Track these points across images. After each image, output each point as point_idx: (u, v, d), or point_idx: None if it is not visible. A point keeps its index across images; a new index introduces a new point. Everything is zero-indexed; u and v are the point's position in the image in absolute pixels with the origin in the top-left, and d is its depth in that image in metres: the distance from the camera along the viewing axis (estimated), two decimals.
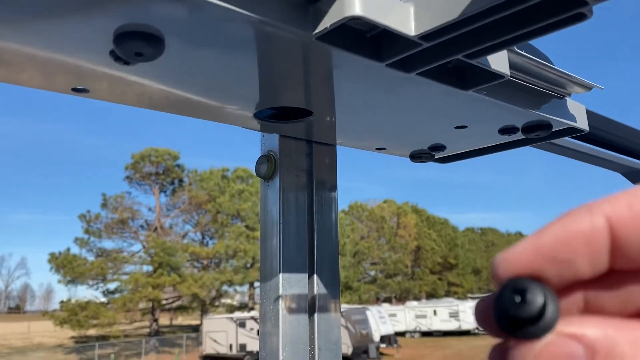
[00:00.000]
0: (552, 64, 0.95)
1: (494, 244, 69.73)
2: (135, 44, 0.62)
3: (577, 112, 1.02)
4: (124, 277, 36.20)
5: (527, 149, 1.19)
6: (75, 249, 36.50)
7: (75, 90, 0.78)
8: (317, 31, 0.61)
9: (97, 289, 36.81)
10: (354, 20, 0.59)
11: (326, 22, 0.60)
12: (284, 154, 1.03)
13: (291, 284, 0.93)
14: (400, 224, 55.97)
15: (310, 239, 1.01)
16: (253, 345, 27.72)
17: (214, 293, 37.99)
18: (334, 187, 1.09)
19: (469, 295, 56.26)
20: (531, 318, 0.30)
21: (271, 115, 0.92)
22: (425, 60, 0.70)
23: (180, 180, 40.28)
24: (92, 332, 36.37)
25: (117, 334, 36.08)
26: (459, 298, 47.14)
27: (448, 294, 58.59)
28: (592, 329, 0.28)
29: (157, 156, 38.18)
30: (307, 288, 0.95)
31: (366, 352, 26.46)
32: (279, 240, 0.94)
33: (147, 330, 39.23)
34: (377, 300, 53.70)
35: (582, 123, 1.03)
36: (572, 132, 1.05)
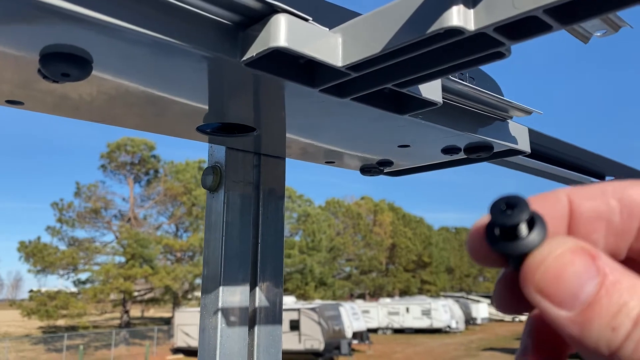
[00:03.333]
0: (497, 86, 0.97)
1: None
2: (61, 65, 0.61)
3: (519, 134, 1.05)
4: (96, 268, 35.73)
5: None
6: (46, 238, 35.93)
7: (9, 102, 0.77)
8: (244, 58, 0.61)
9: (67, 279, 36.28)
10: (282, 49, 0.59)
11: (253, 51, 0.61)
12: (230, 166, 1.03)
13: (231, 297, 0.93)
14: (376, 221, 56.28)
15: (255, 252, 1.01)
16: None
17: (186, 286, 37.73)
18: (281, 200, 1.10)
19: (442, 293, 56.91)
20: (512, 227, 0.32)
21: (216, 129, 0.92)
22: (356, 87, 0.71)
23: (156, 171, 39.86)
24: (61, 322, 35.83)
25: (87, 325, 35.60)
26: (431, 296, 47.68)
27: (421, 292, 59.15)
28: (606, 259, 0.33)
29: (133, 146, 37.68)
30: (248, 301, 0.95)
31: (338, 348, 26.60)
32: (221, 252, 0.94)
33: (118, 321, 38.80)
34: (351, 297, 53.97)
35: (524, 145, 1.05)
36: (514, 153, 1.07)
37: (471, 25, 0.54)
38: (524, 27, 0.55)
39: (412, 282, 58.35)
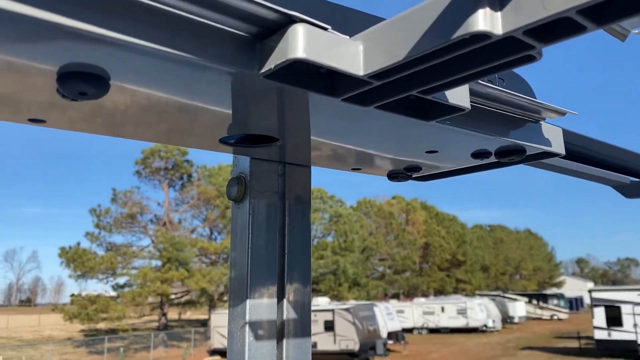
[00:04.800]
0: (529, 88, 0.93)
1: (502, 240, 69.40)
2: (78, 84, 0.61)
3: (553, 136, 1.01)
4: (133, 272, 36.43)
5: None
6: (85, 243, 36.81)
7: (32, 120, 0.77)
8: (263, 71, 0.60)
9: (106, 283, 37.09)
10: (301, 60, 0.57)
11: (271, 63, 0.59)
12: (255, 176, 1.02)
13: (259, 311, 0.91)
14: (408, 220, 55.83)
15: (281, 263, 0.99)
16: None
17: (222, 288, 38.12)
18: (307, 207, 1.08)
19: (477, 292, 56.07)
20: None
21: (240, 140, 0.91)
22: (380, 96, 0.69)
23: (189, 176, 40.42)
24: (101, 325, 36.65)
25: (126, 328, 36.33)
26: (466, 295, 47.01)
27: (456, 291, 58.39)
28: None
29: (166, 152, 38.31)
30: (275, 314, 0.93)
31: (373, 348, 26.46)
32: (248, 264, 0.93)
33: (156, 324, 39.48)
34: (385, 297, 53.65)
35: (558, 146, 1.01)
36: (548, 155, 1.03)
37: (499, 29, 0.51)
38: (555, 28, 0.52)
39: (446, 281, 57.66)
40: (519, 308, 52.24)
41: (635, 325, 25.46)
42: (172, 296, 38.10)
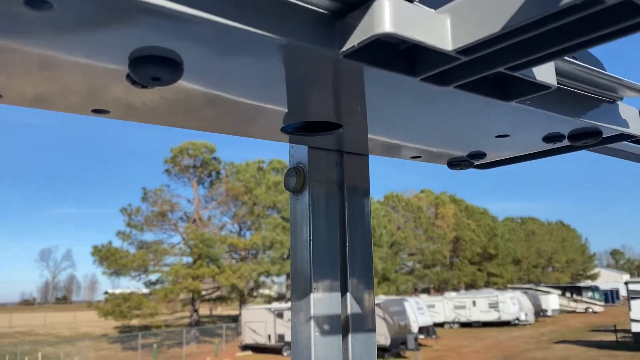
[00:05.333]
0: (602, 67, 0.87)
1: (534, 233, 68.29)
2: (151, 69, 0.59)
3: (631, 117, 0.94)
4: (165, 269, 36.97)
5: None
6: (117, 242, 37.51)
7: (95, 111, 0.75)
8: (344, 49, 0.56)
9: (139, 280, 37.73)
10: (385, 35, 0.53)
11: (354, 40, 0.55)
12: (314, 166, 0.98)
13: (323, 305, 0.88)
14: (438, 214, 55.35)
15: (343, 255, 0.96)
16: None
17: (251, 284, 38.43)
18: (367, 197, 1.04)
19: (509, 285, 55.32)
20: None
21: (299, 128, 0.88)
22: (463, 73, 0.64)
23: (218, 173, 40.79)
24: (134, 322, 37.33)
25: (159, 324, 36.94)
26: (498, 288, 46.44)
27: (487, 285, 57.71)
28: None
29: (194, 149, 38.73)
30: (340, 308, 0.89)
31: (404, 343, 26.36)
32: (310, 257, 0.90)
33: (188, 320, 40.04)
34: (415, 291, 53.35)
35: (637, 128, 0.95)
36: (625, 137, 0.97)
37: None
38: None
39: (477, 275, 57.02)
40: (552, 301, 51.37)
41: None
42: (203, 292, 38.57)
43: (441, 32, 0.57)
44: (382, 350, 25.28)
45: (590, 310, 55.82)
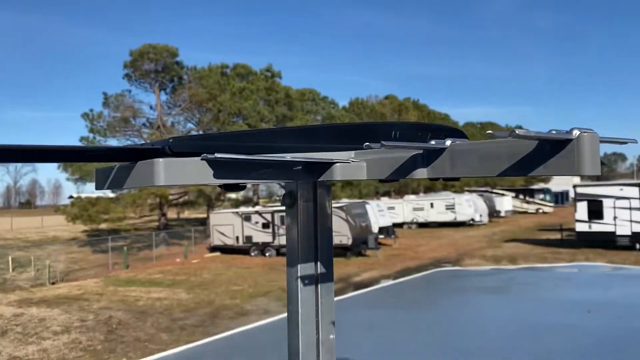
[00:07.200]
0: None
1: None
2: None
3: None
4: None
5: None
6: None
7: None
8: None
9: None
10: None
11: None
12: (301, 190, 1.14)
13: (305, 269, 1.12)
14: (400, 120, 56.15)
15: (315, 234, 1.16)
16: (258, 238, 29.31)
17: (217, 189, 39.14)
18: (329, 198, 1.20)
19: (466, 188, 57.82)
20: None
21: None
22: None
23: (180, 78, 40.01)
24: (103, 226, 38.01)
25: (128, 228, 37.73)
26: (455, 191, 48.53)
27: (445, 188, 60.05)
28: None
29: (155, 53, 37.66)
30: (314, 269, 1.14)
31: (365, 242, 27.92)
32: (298, 235, 1.12)
33: (157, 224, 40.96)
34: (377, 195, 55.27)
35: None
36: None
37: None
38: None
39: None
40: (506, 202, 54.24)
41: (614, 218, 26.85)
42: (171, 197, 39.21)
43: None
44: (344, 249, 26.80)
45: (541, 211, 59.27)
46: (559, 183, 75.18)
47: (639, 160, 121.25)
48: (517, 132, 0.52)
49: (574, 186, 31.03)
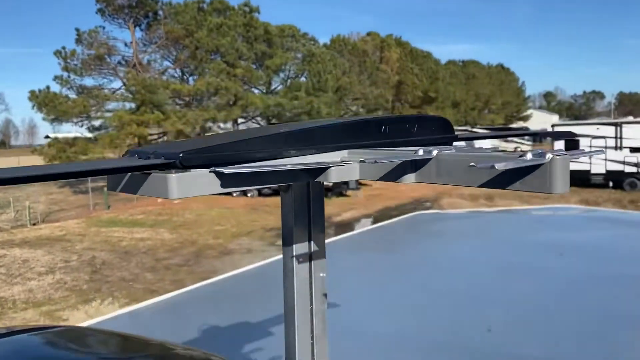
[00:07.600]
0: None
1: (474, 76, 70.09)
2: None
3: None
4: (108, 115, 36.51)
5: None
6: (55, 87, 36.18)
7: None
8: None
9: (82, 126, 37.27)
10: None
11: None
12: None
13: (299, 249, 1.15)
14: (382, 58, 55.51)
15: (308, 215, 1.18)
16: None
17: (197, 129, 38.81)
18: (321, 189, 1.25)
19: None
20: None
21: None
22: None
23: (155, 14, 38.66)
24: None
25: None
26: None
27: None
28: None
29: None
30: (307, 248, 1.17)
31: (346, 183, 28.23)
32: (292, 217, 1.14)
33: None
34: None
35: None
36: None
37: None
38: None
39: None
40: (485, 141, 54.79)
41: (590, 157, 27.41)
42: (150, 138, 38.78)
43: None
44: (326, 190, 27.07)
45: (519, 149, 60.01)
46: (540, 122, 76.00)
47: (617, 98, 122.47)
48: (496, 166, 0.60)
49: (552, 125, 31.46)
